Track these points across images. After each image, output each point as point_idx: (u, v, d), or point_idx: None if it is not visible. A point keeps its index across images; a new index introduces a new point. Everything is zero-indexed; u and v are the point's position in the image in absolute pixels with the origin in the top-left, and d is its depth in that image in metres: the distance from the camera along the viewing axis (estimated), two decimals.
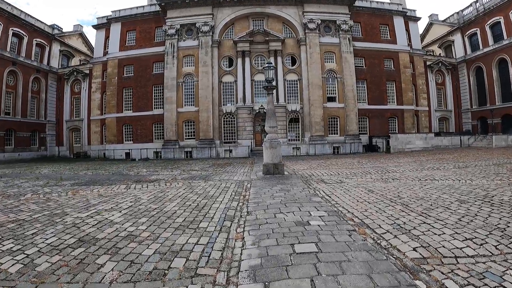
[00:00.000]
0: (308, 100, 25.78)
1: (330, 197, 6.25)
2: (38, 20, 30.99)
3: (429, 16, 36.57)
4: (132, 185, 8.81)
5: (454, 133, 30.90)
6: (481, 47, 31.40)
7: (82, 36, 36.57)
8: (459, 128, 32.73)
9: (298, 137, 26.29)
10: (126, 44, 28.25)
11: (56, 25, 33.20)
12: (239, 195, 6.90)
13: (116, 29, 28.57)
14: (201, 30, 25.94)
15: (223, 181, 9.34)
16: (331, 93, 26.72)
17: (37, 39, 31.08)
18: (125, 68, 27.95)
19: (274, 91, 11.43)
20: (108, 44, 29.36)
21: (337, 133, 26.39)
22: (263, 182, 8.57)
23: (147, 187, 8.50)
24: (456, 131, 32.21)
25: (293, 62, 26.82)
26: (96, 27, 30.56)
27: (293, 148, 25.37)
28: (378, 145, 26.39)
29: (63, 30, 34.23)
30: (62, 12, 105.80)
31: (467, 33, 32.98)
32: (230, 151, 25.23)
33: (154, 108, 27.11)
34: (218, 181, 9.38)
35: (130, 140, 27.56)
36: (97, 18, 30.70)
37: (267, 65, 10.96)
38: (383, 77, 28.18)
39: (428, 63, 31.55)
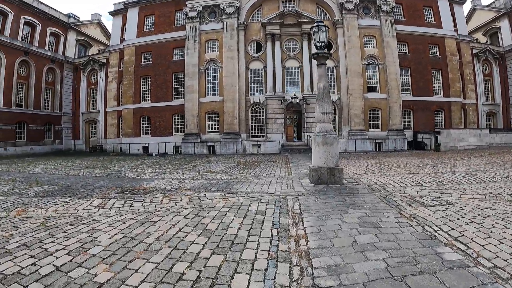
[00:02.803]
0: (346, 89, 21.37)
1: (467, 246, 2.95)
2: (52, 8, 27.46)
3: (471, 1, 31.37)
4: (111, 200, 5.21)
5: (504, 130, 25.82)
6: None
7: (100, 25, 32.97)
8: (507, 124, 27.60)
9: (335, 131, 21.80)
10: (144, 30, 24.40)
11: (72, 14, 29.67)
12: (285, 237, 3.32)
13: (133, 14, 24.78)
14: (225, 11, 21.83)
15: (253, 197, 5.30)
16: (372, 82, 22.19)
17: (52, 28, 27.60)
18: (142, 56, 24.10)
19: (326, 63, 7.12)
20: (125, 31, 25.59)
21: (378, 127, 21.87)
22: (320, 202, 4.77)
23: (130, 205, 4.82)
24: (504, 127, 27.10)
25: (329, 47, 22.33)
26: (113, 13, 26.87)
27: None
28: (424, 142, 21.77)
29: (80, 19, 30.69)
30: (71, 8, 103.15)
31: None
32: (258, 146, 21.02)
33: (174, 98, 23.13)
34: (245, 197, 5.35)
35: (148, 133, 23.72)
36: (114, 4, 27.02)
37: (316, 24, 6.83)
38: (428, 65, 23.41)
39: (474, 51, 26.50)
